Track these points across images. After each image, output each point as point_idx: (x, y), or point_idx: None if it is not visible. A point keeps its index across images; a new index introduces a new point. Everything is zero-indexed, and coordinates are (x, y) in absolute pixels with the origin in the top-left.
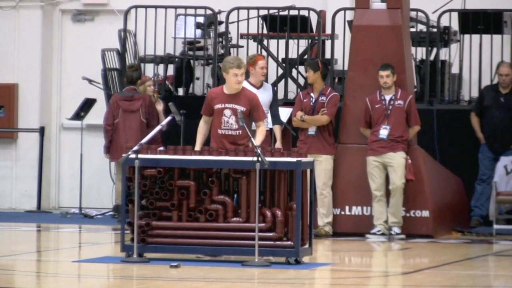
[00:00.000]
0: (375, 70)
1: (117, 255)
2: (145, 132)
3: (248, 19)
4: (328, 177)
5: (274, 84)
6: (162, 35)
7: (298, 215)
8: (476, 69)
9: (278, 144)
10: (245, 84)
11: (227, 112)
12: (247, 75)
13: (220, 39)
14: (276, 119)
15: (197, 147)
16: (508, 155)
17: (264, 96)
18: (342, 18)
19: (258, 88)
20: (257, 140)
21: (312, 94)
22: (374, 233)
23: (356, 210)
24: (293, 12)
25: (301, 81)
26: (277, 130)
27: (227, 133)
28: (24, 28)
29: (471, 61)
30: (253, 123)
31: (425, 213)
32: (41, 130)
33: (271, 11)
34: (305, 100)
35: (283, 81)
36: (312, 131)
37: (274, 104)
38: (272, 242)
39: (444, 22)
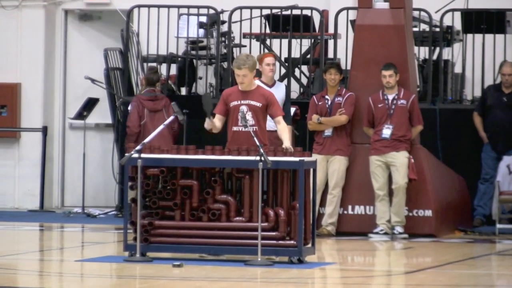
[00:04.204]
0: (378, 69)
1: (120, 254)
2: (171, 131)
3: (250, 18)
4: (340, 177)
5: None
6: (165, 35)
7: (301, 215)
8: (479, 68)
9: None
10: (258, 83)
11: (244, 109)
12: (259, 74)
13: (223, 39)
14: (285, 119)
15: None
16: (511, 155)
17: (276, 95)
18: (345, 18)
19: (270, 87)
20: (286, 141)
21: (327, 96)
22: (377, 233)
23: (359, 210)
24: (296, 12)
25: (304, 80)
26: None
27: (243, 129)
28: (27, 27)
29: (474, 61)
30: (268, 123)
31: (428, 213)
32: (44, 130)
33: (274, 11)
34: (320, 103)
35: (285, 81)
36: (328, 132)
37: (286, 104)
38: (275, 242)
39: (447, 21)
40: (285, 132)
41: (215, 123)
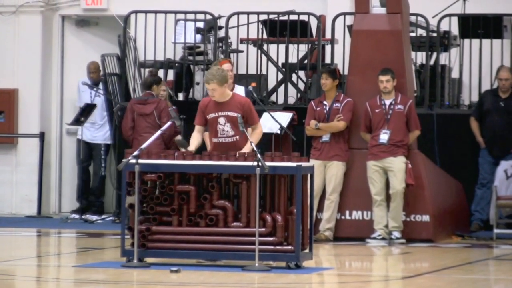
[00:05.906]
0: (375, 74)
1: (118, 260)
2: (161, 135)
3: (248, 24)
4: (338, 183)
5: (274, 89)
6: (162, 40)
7: (298, 220)
8: (476, 73)
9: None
10: None
11: (222, 120)
12: None
13: (220, 44)
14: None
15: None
16: (508, 160)
17: None
18: (342, 23)
19: None
20: (245, 147)
21: (325, 102)
22: (374, 238)
23: (357, 215)
24: (293, 17)
25: (301, 86)
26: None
27: (223, 141)
28: (24, 33)
29: (471, 66)
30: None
31: (426, 218)
32: (41, 135)
33: (271, 16)
34: (318, 109)
35: (283, 86)
36: (326, 137)
37: None
38: (272, 247)
39: (444, 26)
40: (253, 135)
41: (194, 145)
